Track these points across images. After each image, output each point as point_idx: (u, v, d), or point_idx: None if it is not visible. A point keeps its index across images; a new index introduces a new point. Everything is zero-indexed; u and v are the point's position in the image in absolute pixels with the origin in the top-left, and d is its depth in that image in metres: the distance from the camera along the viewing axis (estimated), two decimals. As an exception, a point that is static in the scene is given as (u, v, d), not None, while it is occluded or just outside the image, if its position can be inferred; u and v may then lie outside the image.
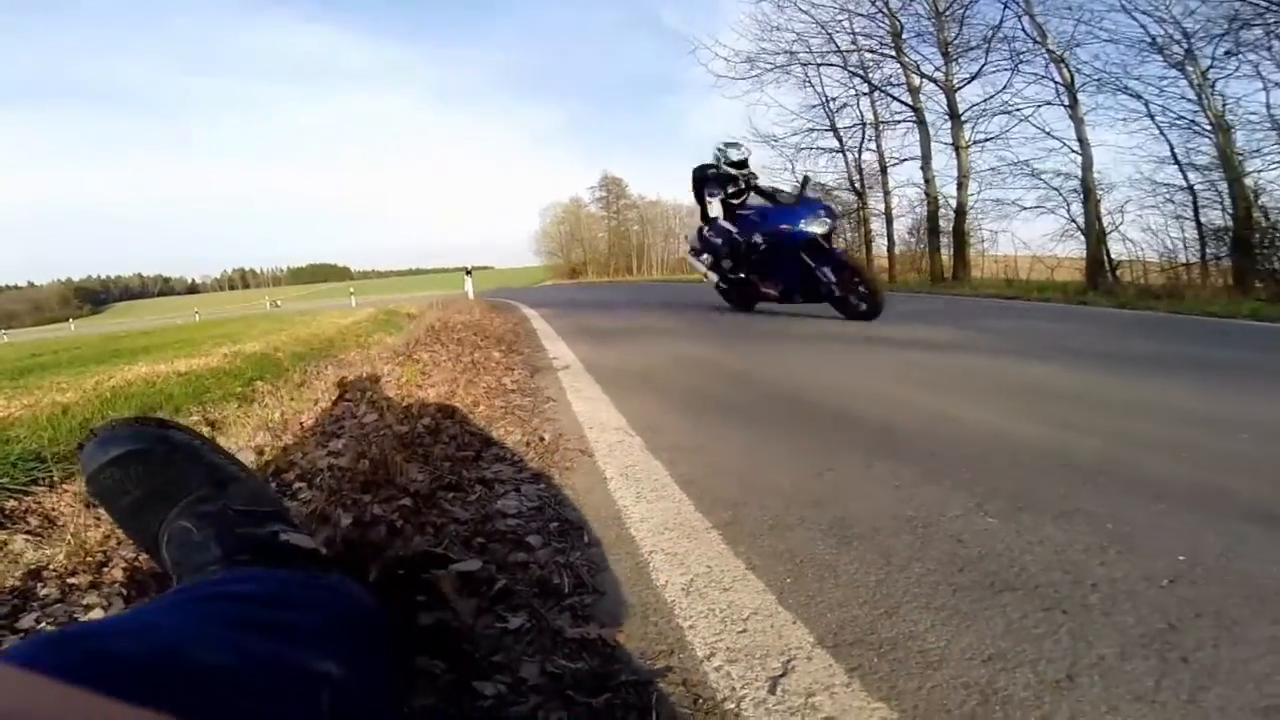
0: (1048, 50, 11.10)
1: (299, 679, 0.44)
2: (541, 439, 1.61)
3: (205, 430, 3.08)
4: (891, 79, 13.70)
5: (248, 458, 1.64)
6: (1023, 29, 11.39)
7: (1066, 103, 11.05)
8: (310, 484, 1.21)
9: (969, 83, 12.38)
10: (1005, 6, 11.33)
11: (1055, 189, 11.68)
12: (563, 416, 1.88)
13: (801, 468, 1.41)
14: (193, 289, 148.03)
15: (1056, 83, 11.16)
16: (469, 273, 13.50)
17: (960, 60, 12.36)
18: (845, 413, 1.89)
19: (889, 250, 15.12)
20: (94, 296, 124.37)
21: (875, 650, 0.77)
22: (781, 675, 0.73)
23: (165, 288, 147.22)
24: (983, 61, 11.96)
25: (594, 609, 0.88)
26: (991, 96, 12.11)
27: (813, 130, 15.08)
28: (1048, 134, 11.53)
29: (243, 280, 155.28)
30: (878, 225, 15.82)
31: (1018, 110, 11.90)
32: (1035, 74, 11.47)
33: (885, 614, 0.84)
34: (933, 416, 1.82)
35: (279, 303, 45.42)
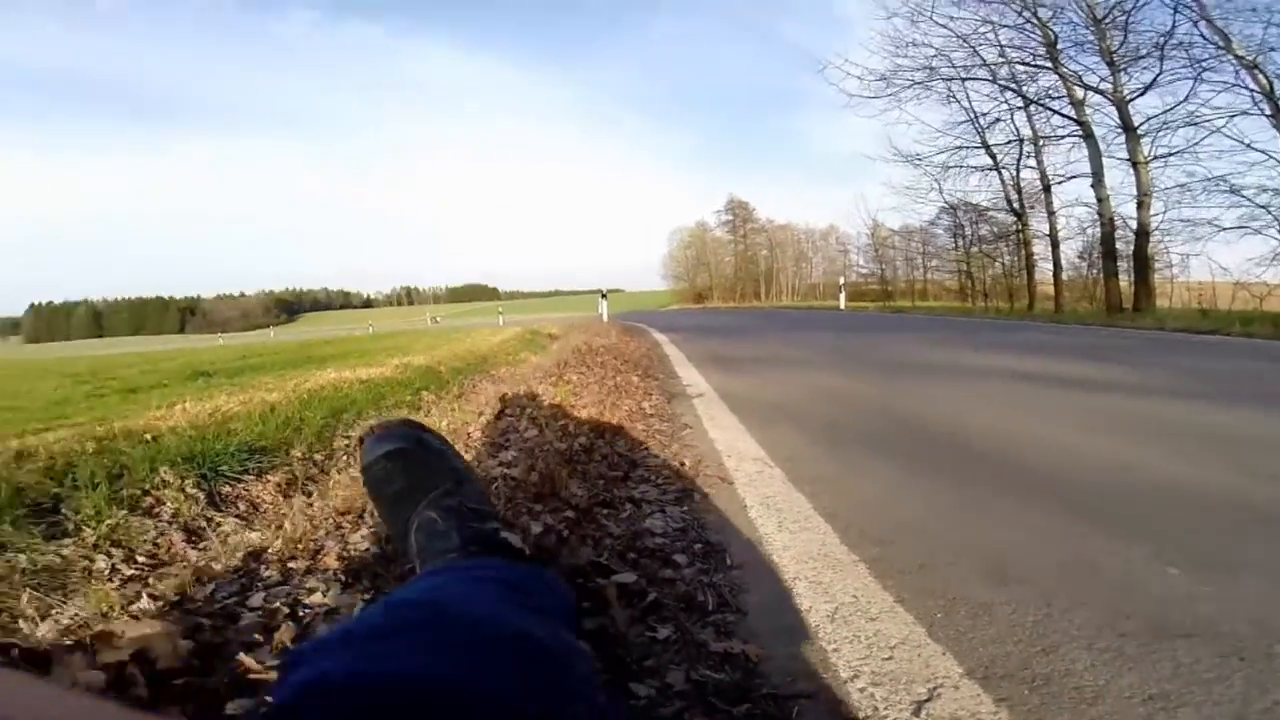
0: (1235, 56, 9.59)
1: (570, 652, 0.53)
2: (682, 464, 1.70)
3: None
4: (1050, 91, 12.46)
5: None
6: (1200, 34, 9.90)
7: (1267, 111, 9.46)
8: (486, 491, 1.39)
9: (1143, 94, 10.94)
10: (1175, 11, 9.92)
11: (1262, 207, 9.98)
12: (700, 443, 1.96)
13: (955, 509, 1.38)
14: (367, 303, 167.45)
15: (1251, 90, 9.59)
16: (604, 296, 14.07)
17: (1130, 70, 10.96)
18: (1005, 455, 1.80)
19: (1055, 276, 13.66)
20: (289, 307, 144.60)
21: (1027, 684, 0.77)
22: (927, 700, 0.75)
23: (345, 301, 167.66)
24: (1157, 70, 10.49)
25: (736, 627, 0.93)
26: (1173, 108, 10.59)
27: (961, 148, 14.05)
28: (1247, 146, 9.90)
29: (408, 297, 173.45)
30: (1040, 248, 14.41)
31: (1206, 121, 10.28)
32: (1224, 82, 9.90)
33: (1041, 652, 0.83)
34: (1107, 463, 1.69)
35: (438, 319, 50.10)
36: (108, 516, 2.12)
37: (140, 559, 2.04)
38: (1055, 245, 13.63)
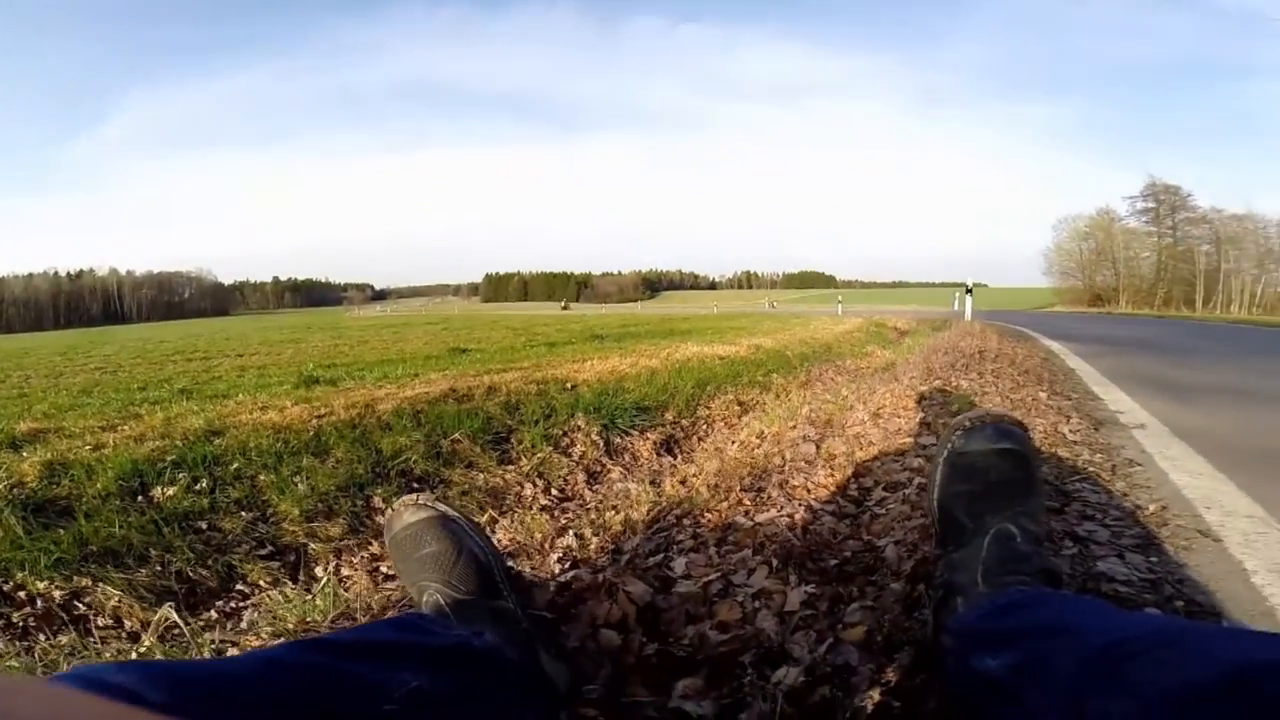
0: None
1: None
2: (1139, 508, 1.34)
3: (736, 409, 3.69)
4: None
5: (808, 450, 1.86)
6: None
7: None
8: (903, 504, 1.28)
9: None
10: None
11: None
12: (1158, 487, 1.52)
13: None
14: (712, 285, 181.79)
15: None
16: (969, 291, 12.44)
17: None
18: None
19: None
20: (652, 284, 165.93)
21: None
22: None
23: (694, 282, 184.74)
24: None
25: None
26: None
27: None
28: None
29: (747, 281, 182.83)
30: None
31: None
32: None
33: None
34: None
35: (775, 304, 51.57)
36: (539, 451, 2.67)
37: (554, 492, 2.50)
38: None
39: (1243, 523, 1.30)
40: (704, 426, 3.34)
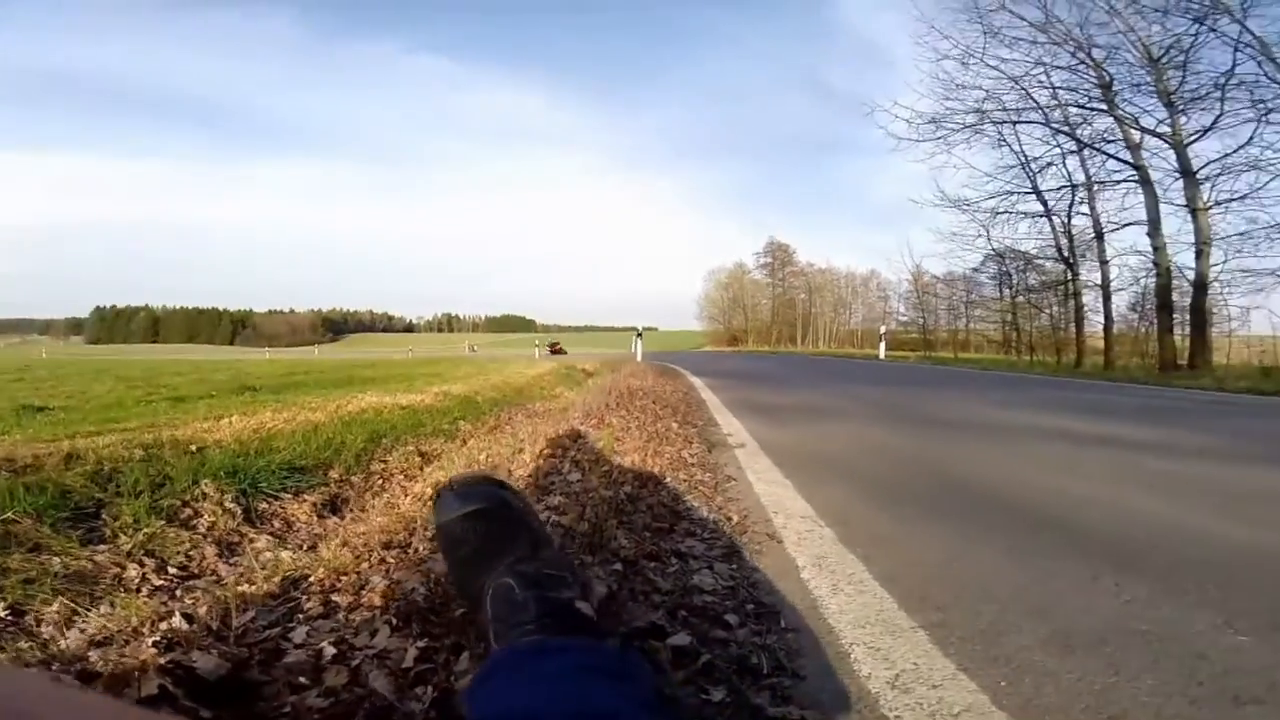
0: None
1: None
2: (728, 519, 1.65)
3: (417, 460, 3.54)
4: (1105, 134, 12.14)
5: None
6: (1265, 75, 9.58)
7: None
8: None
9: (1203, 136, 10.53)
10: (1236, 50, 9.63)
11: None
12: (745, 498, 1.91)
13: (1016, 574, 1.34)
14: (409, 328, 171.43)
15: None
16: (639, 335, 14.04)
17: (1189, 111, 10.60)
18: (1063, 518, 1.75)
19: (1105, 330, 13.06)
20: (335, 326, 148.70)
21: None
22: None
23: (388, 324, 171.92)
24: (1218, 112, 10.13)
25: (793, 692, 0.89)
26: (1234, 151, 10.20)
27: (1011, 193, 13.70)
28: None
29: (449, 323, 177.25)
30: (1090, 299, 13.86)
31: (1271, 165, 9.92)
32: (1290, 123, 9.47)
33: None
34: (1169, 527, 1.68)
35: (475, 348, 51.16)
36: (146, 525, 2.17)
37: (171, 570, 2.07)
38: (1107, 296, 13.03)
39: (798, 523, 1.68)
40: (380, 481, 3.12)
